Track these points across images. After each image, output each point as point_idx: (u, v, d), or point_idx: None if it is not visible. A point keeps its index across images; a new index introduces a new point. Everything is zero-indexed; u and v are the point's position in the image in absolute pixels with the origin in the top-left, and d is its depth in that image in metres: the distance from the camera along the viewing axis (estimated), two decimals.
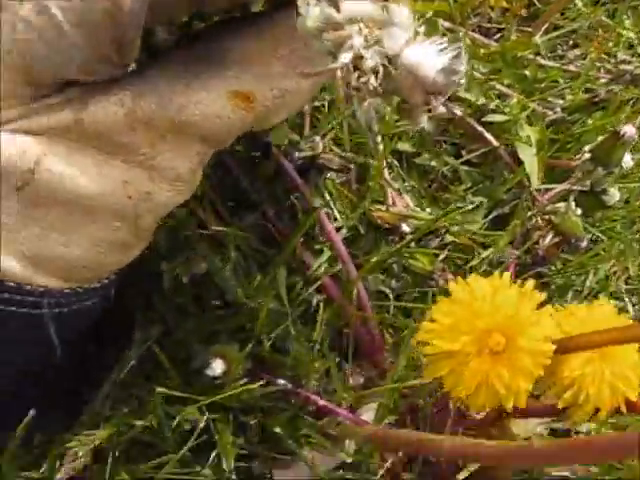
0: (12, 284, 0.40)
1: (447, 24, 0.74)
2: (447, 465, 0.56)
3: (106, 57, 0.38)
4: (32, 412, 0.45)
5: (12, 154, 0.37)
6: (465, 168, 0.69)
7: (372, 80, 0.34)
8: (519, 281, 0.42)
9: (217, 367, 0.51)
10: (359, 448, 0.54)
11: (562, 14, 0.82)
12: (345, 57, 0.34)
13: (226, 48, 0.41)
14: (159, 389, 0.49)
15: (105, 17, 0.36)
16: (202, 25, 0.45)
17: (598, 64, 0.79)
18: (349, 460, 0.52)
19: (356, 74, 0.34)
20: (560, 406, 0.45)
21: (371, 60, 0.34)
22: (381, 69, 0.34)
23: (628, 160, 0.65)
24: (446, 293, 0.60)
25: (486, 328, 0.40)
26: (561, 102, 0.73)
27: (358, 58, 0.34)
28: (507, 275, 0.42)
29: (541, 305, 0.42)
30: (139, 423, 0.50)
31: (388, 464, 0.53)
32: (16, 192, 0.38)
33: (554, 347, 0.41)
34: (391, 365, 0.58)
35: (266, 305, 0.54)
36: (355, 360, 0.59)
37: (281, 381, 0.54)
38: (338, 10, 0.34)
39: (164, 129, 0.40)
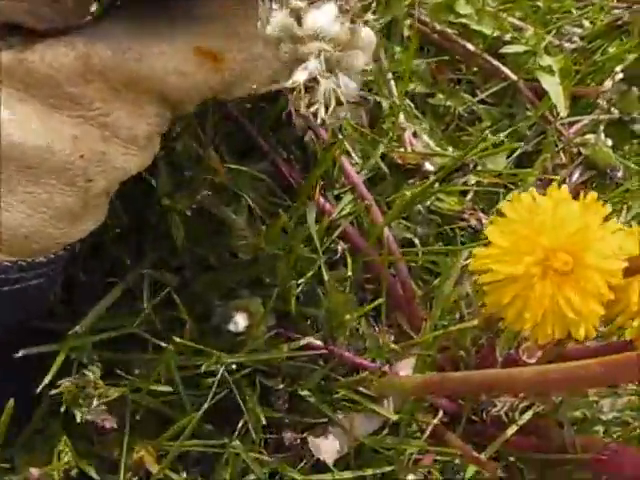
0: None
1: None
2: (492, 422, 0.51)
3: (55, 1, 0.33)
4: None
5: None
6: (483, 107, 0.65)
7: (321, 111, 0.30)
8: None
9: (240, 322, 0.46)
10: (400, 406, 0.50)
11: None
12: (298, 77, 0.31)
13: (194, 1, 0.36)
14: (176, 339, 0.44)
15: None
16: None
17: None
18: (393, 418, 0.47)
19: (307, 99, 0.31)
20: (629, 337, 0.40)
21: (324, 87, 0.30)
22: (333, 100, 0.30)
23: None
24: (476, 236, 0.56)
25: (550, 246, 0.35)
26: (579, 31, 0.69)
27: (312, 80, 0.31)
28: (565, 188, 0.37)
29: (606, 219, 0.37)
30: (153, 387, 0.45)
31: (436, 420, 0.48)
32: None
33: (624, 263, 0.36)
34: (426, 315, 0.53)
35: (295, 250, 0.49)
36: (387, 313, 0.54)
37: (309, 338, 0.49)
38: (300, 23, 0.31)
39: (120, 81, 0.35)
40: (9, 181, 0.35)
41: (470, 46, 0.65)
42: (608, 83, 0.60)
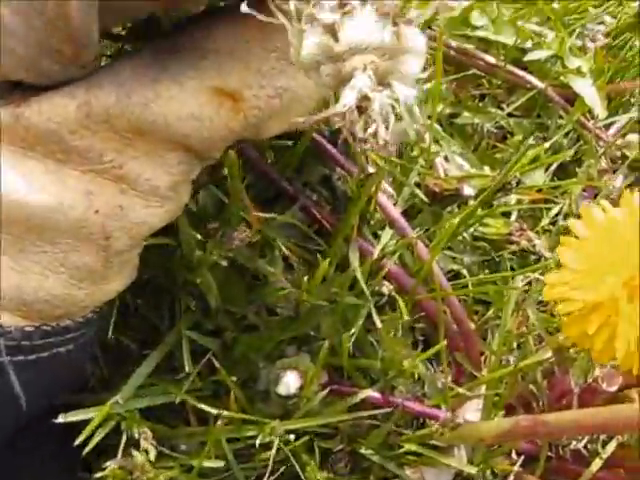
0: None
1: None
2: (573, 458, 0.47)
3: (55, 51, 0.30)
4: None
5: None
6: (513, 120, 0.61)
7: (381, 131, 0.26)
8: None
9: (290, 383, 0.42)
10: (472, 454, 0.45)
11: None
12: (348, 100, 0.26)
13: (201, 36, 0.33)
14: (224, 412, 0.40)
15: (52, 8, 0.28)
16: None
17: None
18: (471, 471, 0.43)
19: (361, 121, 0.27)
20: None
21: (379, 103, 0.26)
22: (391, 115, 0.27)
23: None
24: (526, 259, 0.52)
25: (636, 263, 0.31)
26: (602, 28, 0.65)
27: (364, 99, 0.27)
28: (637, 195, 0.33)
29: None
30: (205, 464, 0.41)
31: (517, 467, 0.43)
32: None
33: None
34: (487, 348, 0.49)
35: (342, 298, 0.45)
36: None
37: (367, 391, 0.45)
38: (336, 39, 0.26)
39: (128, 130, 0.32)
40: (17, 242, 0.32)
41: (490, 58, 0.61)
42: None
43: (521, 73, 0.61)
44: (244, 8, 0.27)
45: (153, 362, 0.44)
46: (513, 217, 0.54)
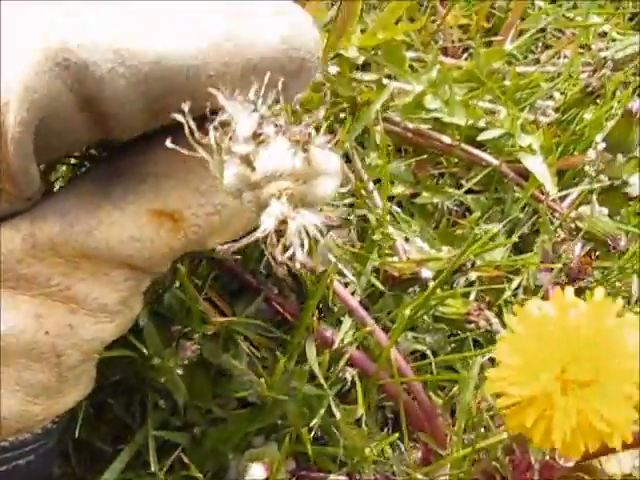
0: None
1: (411, 54, 0.69)
2: None
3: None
4: None
5: None
6: (471, 196, 0.63)
7: (298, 254, 0.29)
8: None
9: (257, 473, 0.43)
10: None
11: (523, 19, 0.77)
12: (266, 226, 0.29)
13: (140, 160, 0.35)
14: None
15: None
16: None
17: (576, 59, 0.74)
18: None
19: (281, 245, 0.29)
20: None
21: (294, 228, 0.29)
22: (305, 239, 0.29)
23: None
24: (489, 336, 0.54)
25: (566, 357, 0.33)
26: (551, 103, 0.68)
27: (282, 223, 0.29)
28: (570, 290, 0.35)
29: (620, 314, 0.35)
30: None
31: None
32: None
33: None
34: (449, 429, 0.50)
35: (300, 391, 0.46)
36: (409, 434, 0.51)
37: (333, 477, 0.46)
38: (253, 168, 0.29)
39: (74, 255, 0.34)
40: None
41: (446, 139, 0.64)
42: (592, 153, 0.59)
43: (476, 151, 0.64)
44: (169, 144, 0.29)
45: (125, 459, 0.46)
46: (472, 296, 0.56)
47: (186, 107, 0.29)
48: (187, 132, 0.29)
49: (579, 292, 0.59)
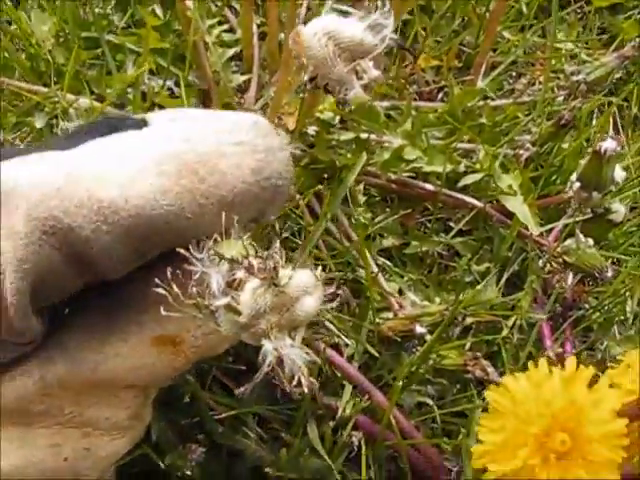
0: None
1: (386, 103, 0.71)
2: None
3: (3, 343, 0.35)
4: None
5: None
6: (459, 239, 0.65)
7: (301, 378, 0.33)
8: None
9: None
10: None
11: (494, 51, 0.79)
12: (267, 362, 0.32)
13: (140, 292, 0.37)
14: None
15: None
16: None
17: (550, 84, 0.76)
18: None
19: (282, 371, 0.33)
20: None
21: (288, 360, 0.32)
22: (304, 376, 0.33)
23: (620, 173, 0.60)
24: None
25: (542, 431, 0.35)
26: (528, 137, 0.69)
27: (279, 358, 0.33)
28: (543, 363, 0.37)
29: (594, 379, 0.37)
30: None
31: None
32: None
33: (626, 420, 0.36)
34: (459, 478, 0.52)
35: (307, 467, 0.49)
36: None
37: None
38: (239, 314, 0.32)
39: (82, 387, 0.36)
40: None
41: (429, 186, 0.66)
42: (570, 191, 0.60)
43: (459, 196, 0.65)
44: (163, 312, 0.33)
45: None
46: (468, 345, 0.58)
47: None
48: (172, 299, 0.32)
49: (576, 322, 0.62)
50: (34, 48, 0.67)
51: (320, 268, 0.35)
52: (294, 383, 0.32)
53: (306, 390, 0.32)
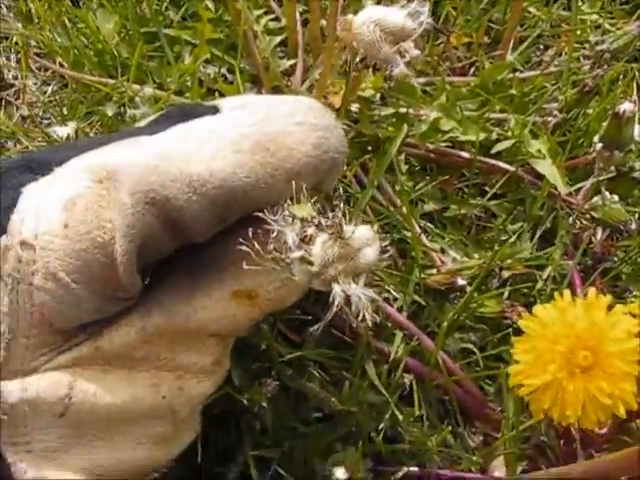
0: None
1: (422, 79, 0.76)
2: None
3: (111, 298, 0.41)
4: None
5: (43, 388, 0.41)
6: (494, 202, 0.71)
7: (366, 315, 0.39)
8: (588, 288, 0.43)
9: (340, 474, 0.52)
10: None
11: (522, 26, 0.84)
12: (336, 303, 0.39)
13: (220, 252, 0.44)
14: None
15: (103, 270, 0.40)
16: None
17: (575, 54, 0.81)
18: None
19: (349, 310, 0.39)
20: None
21: (355, 299, 0.39)
22: (368, 312, 0.39)
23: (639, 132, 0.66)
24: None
25: (567, 349, 0.41)
26: (555, 105, 0.75)
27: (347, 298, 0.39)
28: (567, 293, 0.43)
29: (610, 306, 0.42)
30: None
31: None
32: (59, 419, 0.41)
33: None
34: (500, 415, 0.58)
35: (366, 401, 0.55)
36: (466, 423, 0.59)
37: (405, 469, 0.54)
38: (311, 264, 0.39)
39: (175, 335, 0.43)
40: (116, 430, 0.43)
41: (464, 154, 0.71)
42: (593, 153, 0.66)
43: (493, 161, 0.71)
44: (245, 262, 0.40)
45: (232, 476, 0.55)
46: (506, 294, 0.64)
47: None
48: (254, 255, 0.39)
49: (605, 272, 0.67)
50: (101, 44, 0.74)
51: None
52: (360, 318, 0.39)
53: (370, 323, 0.39)
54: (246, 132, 0.41)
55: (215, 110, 0.44)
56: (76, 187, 0.40)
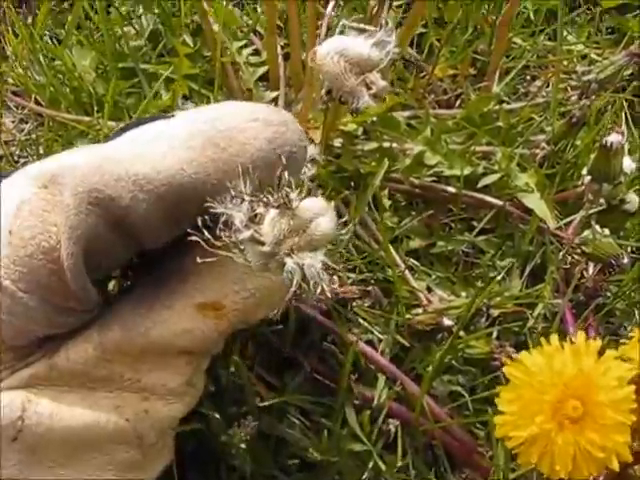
0: None
1: (406, 113, 0.75)
2: None
3: (64, 308, 0.39)
4: None
5: None
6: (482, 237, 0.69)
7: (323, 286, 0.37)
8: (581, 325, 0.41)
9: None
10: None
11: (508, 56, 0.83)
12: (293, 280, 0.36)
13: (180, 266, 0.42)
14: None
15: (51, 277, 0.38)
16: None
17: (562, 85, 0.80)
18: None
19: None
20: None
21: (309, 272, 0.36)
22: (325, 283, 0.36)
23: (629, 164, 0.64)
24: None
25: (555, 399, 0.38)
26: (543, 137, 0.73)
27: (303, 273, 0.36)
28: (554, 338, 0.41)
29: (601, 351, 0.40)
30: None
31: None
32: (12, 443, 0.39)
33: (634, 386, 0.39)
34: (489, 461, 0.55)
35: (347, 450, 0.53)
36: (455, 470, 0.57)
37: None
38: (262, 244, 0.36)
39: (138, 353, 0.41)
40: (76, 455, 0.41)
41: (450, 189, 0.69)
42: (582, 186, 0.64)
43: (480, 196, 0.69)
44: (198, 259, 0.37)
45: None
46: (495, 334, 0.61)
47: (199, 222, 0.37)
48: (204, 245, 0.37)
49: (599, 310, 0.65)
50: (77, 81, 0.73)
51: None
52: (317, 291, 0.36)
53: (329, 295, 0.36)
54: (198, 130, 0.39)
55: (171, 116, 0.43)
56: (21, 194, 0.39)
